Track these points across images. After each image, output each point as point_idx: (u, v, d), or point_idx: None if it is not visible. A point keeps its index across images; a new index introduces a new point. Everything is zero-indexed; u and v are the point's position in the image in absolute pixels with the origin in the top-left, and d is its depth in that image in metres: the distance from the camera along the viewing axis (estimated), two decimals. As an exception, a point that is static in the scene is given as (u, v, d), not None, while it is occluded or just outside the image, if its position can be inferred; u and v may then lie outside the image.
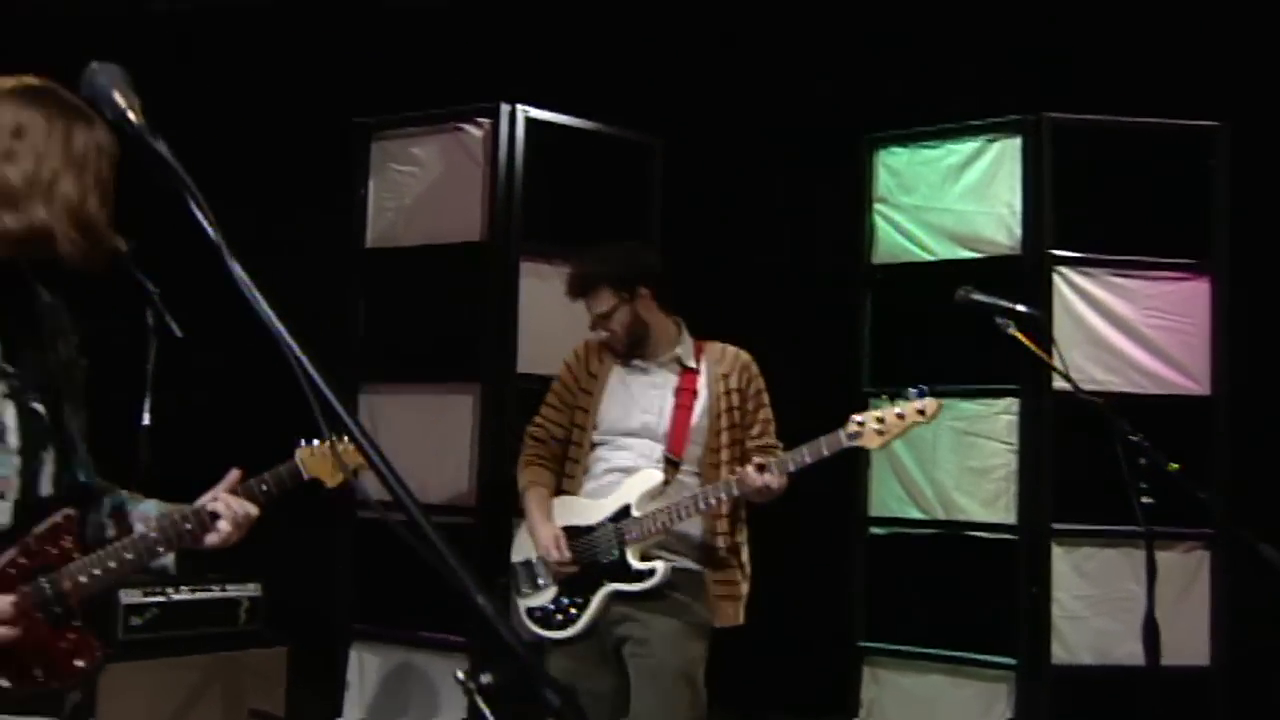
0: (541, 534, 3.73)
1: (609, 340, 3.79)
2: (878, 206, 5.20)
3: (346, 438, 1.53)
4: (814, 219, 5.54)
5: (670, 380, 3.79)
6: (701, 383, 3.77)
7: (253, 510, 2.38)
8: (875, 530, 5.14)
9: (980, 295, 3.71)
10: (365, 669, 5.19)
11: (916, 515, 5.02)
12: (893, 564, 5.08)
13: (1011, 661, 4.73)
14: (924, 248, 5.08)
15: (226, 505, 2.35)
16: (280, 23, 6.34)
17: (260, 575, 5.03)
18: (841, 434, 3.45)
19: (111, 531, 2.37)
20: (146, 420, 5.56)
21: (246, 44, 6.52)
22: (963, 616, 4.86)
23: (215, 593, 4.85)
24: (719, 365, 3.80)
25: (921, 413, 3.41)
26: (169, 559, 2.37)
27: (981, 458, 4.85)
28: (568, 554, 3.66)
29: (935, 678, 4.92)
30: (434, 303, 5.14)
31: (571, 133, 5.15)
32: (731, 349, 3.85)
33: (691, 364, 3.79)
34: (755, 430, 3.77)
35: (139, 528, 2.37)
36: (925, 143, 5.13)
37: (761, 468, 3.45)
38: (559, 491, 3.84)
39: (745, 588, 3.76)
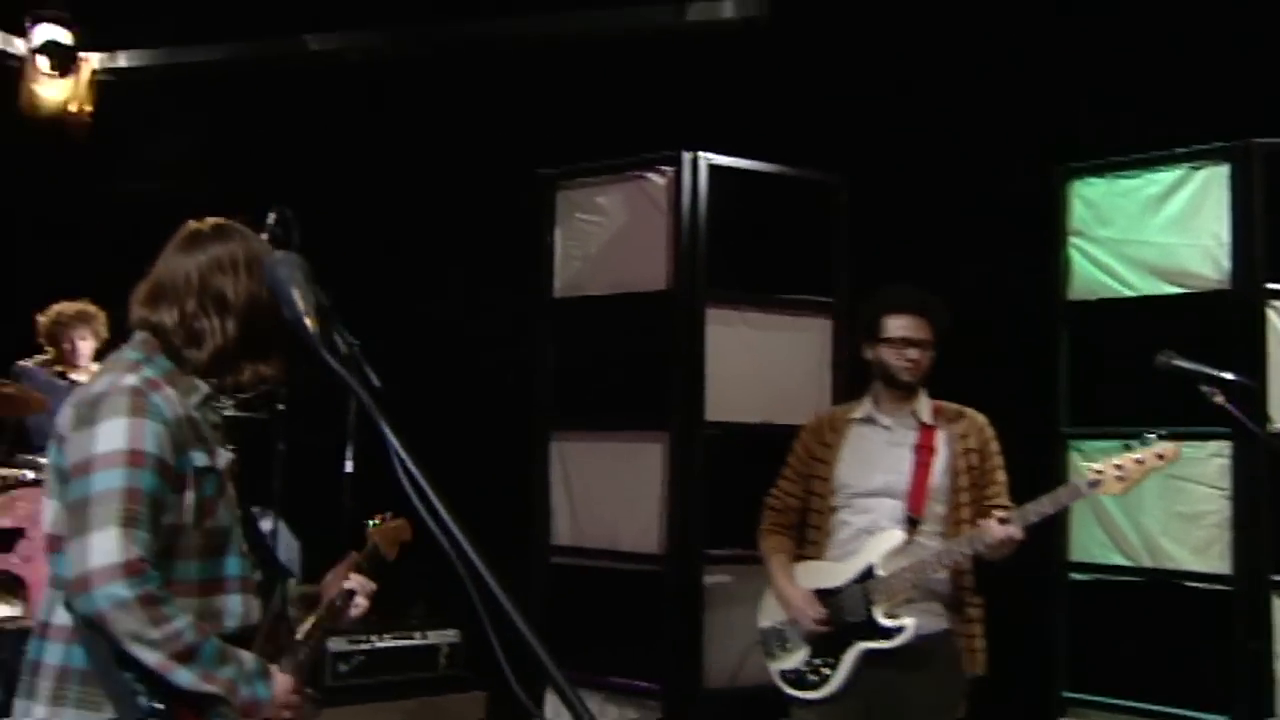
0: (791, 596, 3.81)
1: (908, 367, 3.81)
2: (1073, 240, 5.02)
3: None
4: (1005, 255, 5.38)
5: (909, 437, 3.85)
6: (940, 440, 3.83)
7: (373, 585, 2.69)
8: (1076, 576, 4.95)
9: (1183, 362, 3.63)
10: (562, 712, 5.24)
11: (1121, 562, 4.81)
12: (1096, 612, 4.88)
13: (1226, 719, 4.49)
14: (1123, 282, 4.88)
15: (360, 584, 2.65)
16: (462, 74, 6.52)
17: (459, 624, 5.18)
18: (1081, 484, 3.54)
19: (293, 611, 2.59)
20: (349, 468, 5.80)
21: (430, 94, 6.72)
22: (1172, 668, 4.64)
23: (416, 639, 5.02)
24: (957, 425, 3.87)
25: (1161, 457, 3.45)
26: None
27: (1190, 503, 4.62)
28: (822, 611, 3.73)
29: (1143, 731, 4.71)
30: (621, 350, 5.19)
31: (754, 176, 5.14)
32: (969, 410, 3.93)
33: (930, 420, 3.86)
34: (990, 491, 3.82)
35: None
36: (1123, 172, 4.91)
37: (1004, 520, 3.53)
38: (801, 558, 3.92)
39: (982, 639, 3.84)
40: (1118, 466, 3.45)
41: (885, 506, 3.77)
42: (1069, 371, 5.00)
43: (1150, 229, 4.83)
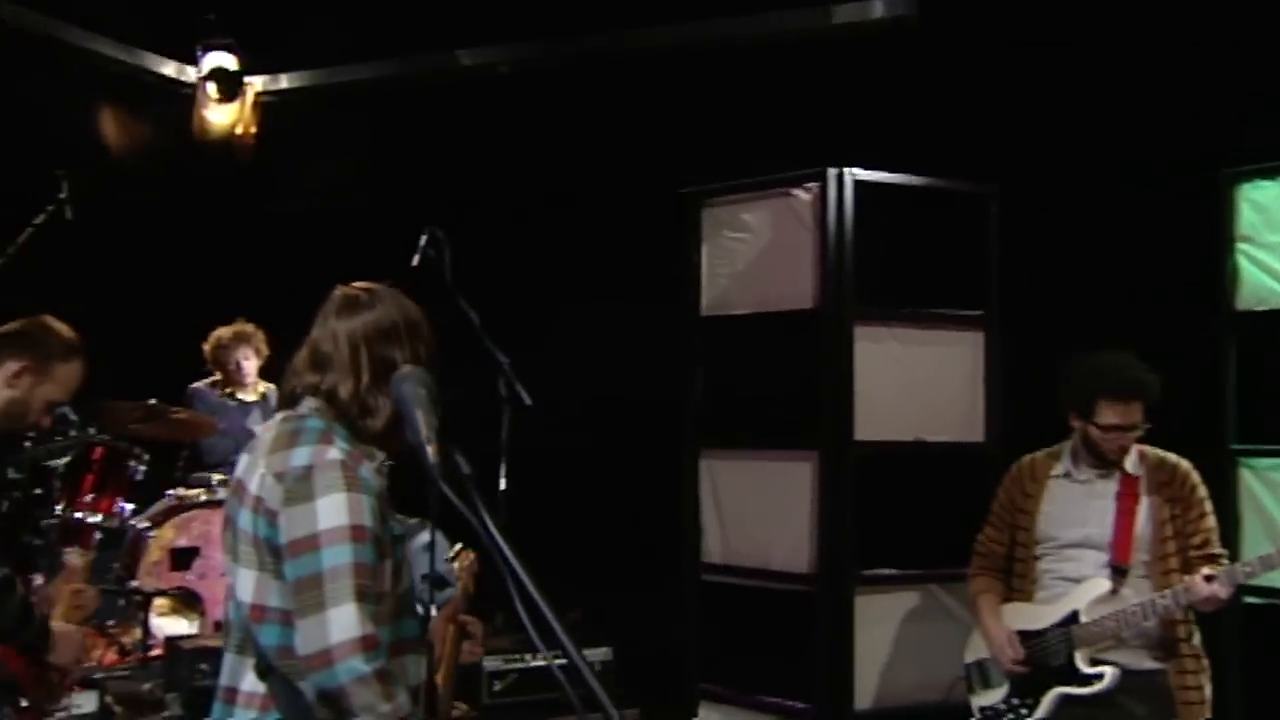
0: (994, 633, 3.93)
1: (1118, 449, 3.86)
2: (1240, 246, 4.80)
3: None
4: (1167, 263, 5.16)
5: (1110, 489, 3.89)
6: (1142, 489, 3.87)
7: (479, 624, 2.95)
8: (1250, 600, 4.75)
9: None
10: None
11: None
12: (1271, 637, 4.68)
13: None
14: (1296, 291, 4.66)
15: (472, 626, 2.88)
16: (604, 92, 6.55)
17: (611, 640, 5.24)
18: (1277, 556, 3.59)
19: None
20: (503, 485, 5.90)
21: (574, 107, 6.77)
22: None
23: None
24: (1159, 473, 3.90)
25: None
26: None
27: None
28: (1021, 651, 3.84)
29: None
30: (770, 368, 5.17)
31: (901, 190, 5.05)
32: (1172, 458, 3.94)
33: (1133, 471, 3.89)
34: (1198, 540, 3.84)
35: None
36: (1295, 175, 4.70)
37: (1210, 578, 3.58)
38: (1009, 600, 4.02)
39: (1208, 686, 3.81)
40: None
41: (1089, 557, 3.84)
42: (1237, 385, 4.80)
43: (1324, 234, 4.60)
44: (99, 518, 5.28)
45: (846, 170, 4.91)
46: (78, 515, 5.28)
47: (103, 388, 6.03)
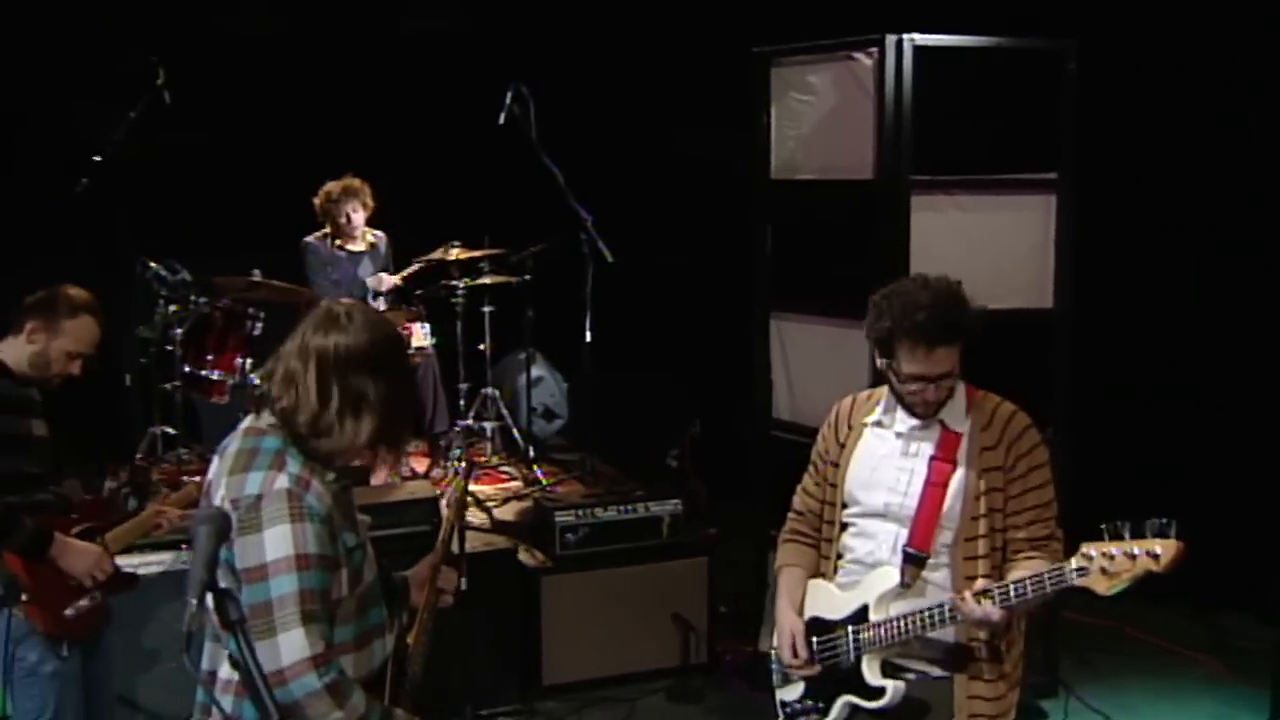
0: (782, 626, 3.26)
1: (922, 403, 3.11)
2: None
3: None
4: (1259, 118, 4.86)
5: (925, 449, 3.13)
6: (962, 451, 3.10)
7: (455, 576, 2.99)
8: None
9: None
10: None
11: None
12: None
13: None
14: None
15: (446, 580, 2.95)
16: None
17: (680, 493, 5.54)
18: (1068, 570, 2.80)
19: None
20: (588, 337, 6.15)
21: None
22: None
23: (639, 512, 5.39)
24: (984, 431, 3.11)
25: (1154, 557, 2.69)
26: None
27: None
28: (803, 654, 3.18)
29: None
30: (833, 234, 5.17)
31: (967, 53, 4.86)
32: (1006, 409, 3.16)
33: (956, 427, 3.12)
34: (1020, 519, 3.08)
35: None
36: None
37: (981, 595, 2.91)
38: (818, 575, 3.30)
39: (1011, 697, 3.14)
40: (1107, 556, 2.74)
41: (886, 534, 3.14)
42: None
43: None
44: (218, 374, 5.80)
45: (905, 36, 4.75)
46: (201, 371, 5.83)
47: (228, 239, 6.51)
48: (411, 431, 2.71)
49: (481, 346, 6.65)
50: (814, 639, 3.19)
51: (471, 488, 6.08)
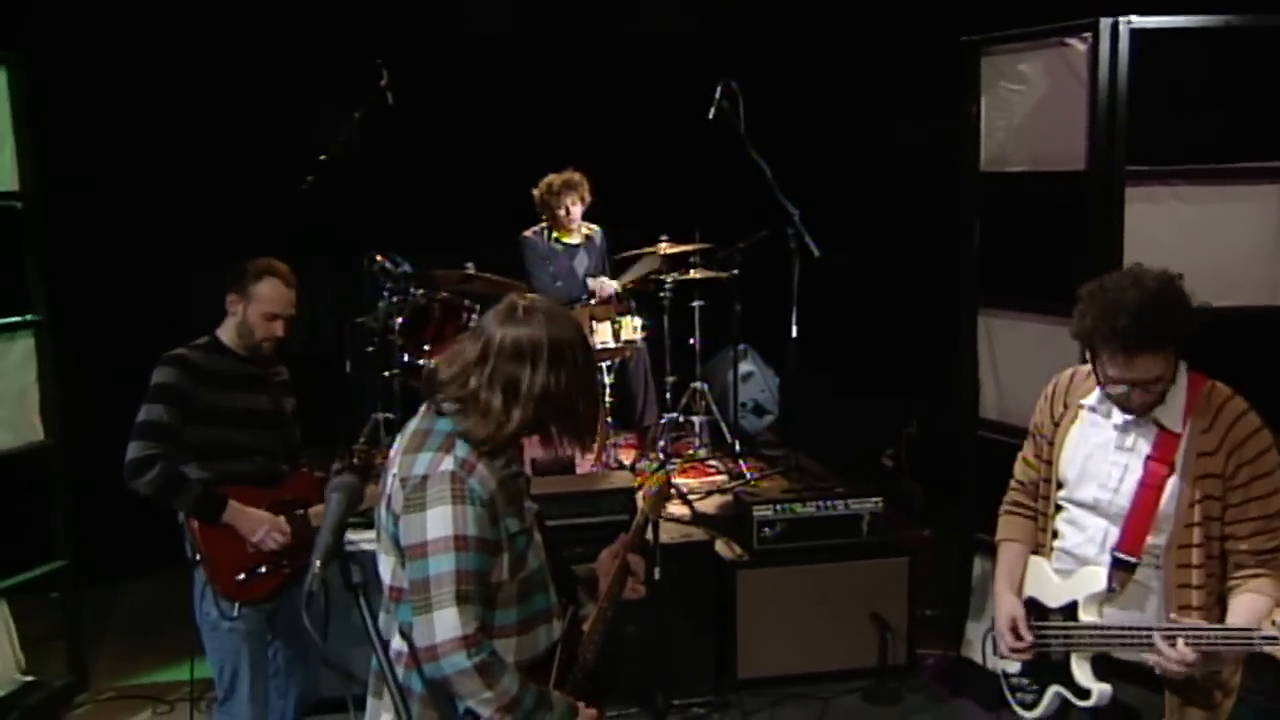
0: (1000, 608, 3.23)
1: (1137, 406, 2.98)
2: None
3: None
4: None
5: (1142, 445, 3.01)
6: (1180, 454, 2.95)
7: (644, 563, 3.01)
8: None
9: None
10: (988, 568, 5.39)
11: None
12: None
13: None
14: None
15: (636, 564, 2.98)
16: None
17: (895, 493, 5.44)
18: (1256, 636, 2.71)
19: (582, 597, 2.98)
20: (794, 333, 6.12)
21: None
22: None
23: (839, 509, 5.33)
24: (1205, 434, 2.94)
25: None
26: None
27: None
28: (1027, 638, 3.14)
29: None
30: (1044, 228, 4.99)
31: (1189, 35, 4.60)
32: (1231, 407, 2.96)
33: (1174, 427, 2.97)
34: (1244, 529, 2.92)
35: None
36: None
37: (1173, 638, 2.78)
38: (1039, 545, 3.27)
39: (1227, 704, 3.05)
40: None
41: (1096, 529, 3.06)
42: None
43: None
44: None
45: (1122, 19, 4.54)
46: (420, 361, 6.09)
47: (445, 234, 6.77)
48: (586, 427, 2.75)
49: (691, 341, 6.72)
50: (1034, 622, 3.16)
51: (675, 480, 6.17)
